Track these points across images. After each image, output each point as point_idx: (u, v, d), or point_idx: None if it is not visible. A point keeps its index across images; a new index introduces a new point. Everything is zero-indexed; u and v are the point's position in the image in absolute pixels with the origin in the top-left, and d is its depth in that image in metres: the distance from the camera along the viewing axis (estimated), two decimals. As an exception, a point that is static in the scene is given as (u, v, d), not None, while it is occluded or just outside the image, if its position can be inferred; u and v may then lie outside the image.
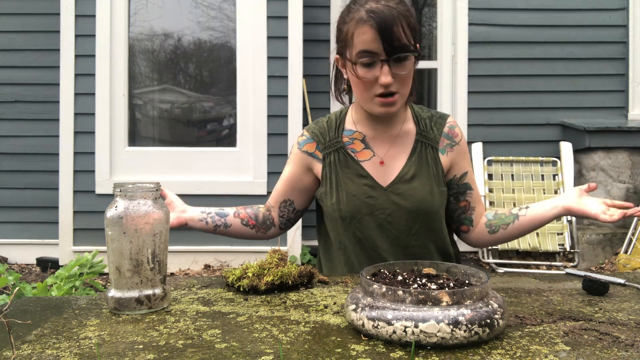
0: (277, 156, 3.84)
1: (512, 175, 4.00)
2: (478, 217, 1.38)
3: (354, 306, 0.79)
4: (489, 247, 3.80)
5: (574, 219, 3.77)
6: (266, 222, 1.42)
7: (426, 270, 0.93)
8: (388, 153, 1.36)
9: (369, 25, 1.18)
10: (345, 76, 1.33)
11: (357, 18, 1.21)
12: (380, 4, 1.20)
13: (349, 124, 1.41)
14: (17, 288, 0.98)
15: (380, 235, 1.32)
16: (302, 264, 3.82)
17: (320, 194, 1.39)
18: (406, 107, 1.40)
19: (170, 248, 3.56)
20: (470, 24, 4.13)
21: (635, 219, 3.74)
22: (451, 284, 0.86)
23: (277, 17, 3.86)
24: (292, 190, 1.42)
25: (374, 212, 1.32)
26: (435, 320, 0.72)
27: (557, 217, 1.28)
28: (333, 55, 1.36)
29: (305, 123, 3.94)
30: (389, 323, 0.73)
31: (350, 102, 1.45)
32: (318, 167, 1.39)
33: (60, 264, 3.75)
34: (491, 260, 3.79)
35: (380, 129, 1.37)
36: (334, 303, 0.95)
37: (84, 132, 3.83)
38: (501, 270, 3.66)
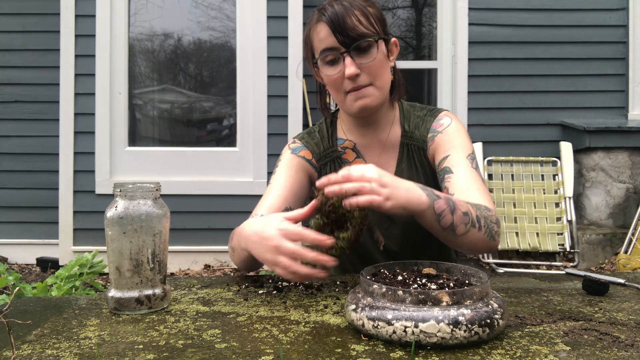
0: (277, 156, 3.81)
1: (512, 175, 4.00)
2: None
3: (354, 306, 0.79)
4: (489, 247, 3.80)
5: (574, 218, 3.77)
6: None
7: (426, 270, 0.93)
8: (378, 162, 1.30)
9: (322, 23, 1.17)
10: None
11: (312, 21, 1.21)
12: (333, 2, 1.19)
13: (339, 133, 1.35)
14: (17, 288, 0.98)
15: (378, 252, 1.28)
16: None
17: None
18: (394, 108, 1.32)
19: (170, 248, 3.57)
20: (470, 24, 4.13)
21: (636, 218, 3.74)
22: (451, 284, 0.86)
23: (277, 17, 3.86)
24: (293, 197, 1.28)
25: (371, 229, 1.24)
26: (435, 320, 0.72)
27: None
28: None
29: (305, 123, 3.94)
30: (389, 323, 0.73)
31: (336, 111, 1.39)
32: (314, 176, 1.32)
33: (60, 264, 3.75)
34: (491, 260, 3.79)
35: (369, 135, 1.31)
36: (334, 303, 0.95)
37: (84, 132, 3.83)
38: (501, 270, 3.66)
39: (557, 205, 3.86)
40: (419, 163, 1.29)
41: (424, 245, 1.27)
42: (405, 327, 0.72)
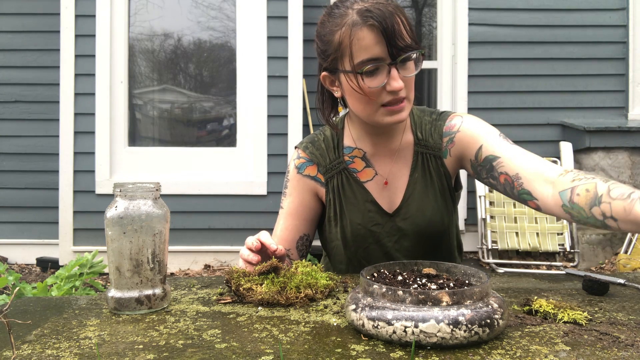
0: (277, 156, 3.84)
1: (512, 175, 3.99)
2: (535, 184, 1.06)
3: (354, 306, 0.79)
4: (489, 247, 3.81)
5: (574, 219, 3.77)
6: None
7: (426, 271, 0.93)
8: (391, 171, 1.24)
9: (368, 28, 1.05)
10: (337, 94, 1.19)
11: (349, 23, 1.07)
12: (369, 3, 1.07)
13: (347, 140, 1.28)
14: (17, 288, 0.98)
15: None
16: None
17: (325, 219, 1.30)
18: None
19: (170, 248, 3.57)
20: (470, 24, 4.13)
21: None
22: (451, 284, 0.86)
23: (277, 17, 3.86)
24: (304, 222, 1.28)
25: (381, 241, 1.24)
26: (435, 320, 0.72)
27: None
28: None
29: (305, 123, 3.94)
30: (389, 323, 0.73)
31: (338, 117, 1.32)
32: (322, 192, 1.27)
33: (60, 264, 3.75)
34: (491, 260, 3.79)
35: (381, 144, 1.24)
36: (334, 303, 0.95)
37: (84, 132, 3.83)
38: (501, 270, 3.66)
39: (557, 205, 3.86)
40: (434, 172, 1.23)
41: (434, 256, 1.25)
42: (405, 327, 0.72)
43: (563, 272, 1.23)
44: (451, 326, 0.71)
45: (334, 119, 1.29)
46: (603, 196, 0.92)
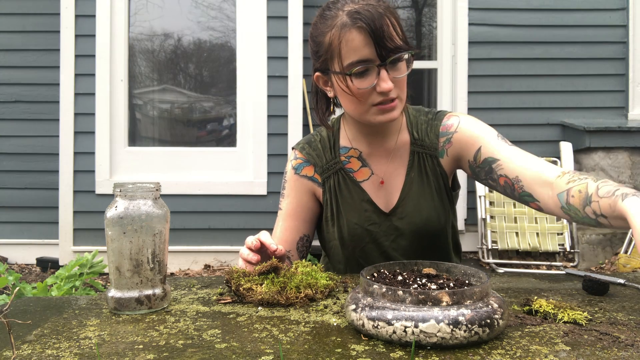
0: (277, 156, 3.84)
1: (512, 175, 3.98)
2: (535, 186, 1.08)
3: (354, 306, 0.79)
4: (489, 247, 3.81)
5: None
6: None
7: (426, 271, 0.93)
8: (387, 170, 1.25)
9: (357, 29, 1.06)
10: (330, 94, 1.20)
11: (338, 24, 1.08)
12: (359, 4, 1.08)
13: (343, 141, 1.29)
14: (17, 288, 0.98)
15: (384, 262, 1.27)
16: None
17: (322, 219, 1.31)
18: (401, 114, 1.26)
19: (170, 248, 3.57)
20: (470, 24, 4.13)
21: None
22: (451, 284, 0.86)
23: (277, 17, 3.86)
24: (303, 222, 1.29)
25: (378, 240, 1.24)
26: (435, 320, 0.72)
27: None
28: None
29: (305, 123, 3.94)
30: (389, 323, 0.73)
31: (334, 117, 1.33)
32: (319, 192, 1.29)
33: (60, 264, 3.75)
34: (491, 260, 3.79)
35: (377, 143, 1.25)
36: (334, 303, 0.95)
37: (84, 132, 3.83)
38: (501, 270, 3.66)
39: (557, 205, 3.86)
40: (430, 171, 1.24)
41: (431, 255, 1.26)
42: (405, 327, 0.72)
43: (563, 272, 1.23)
44: (451, 326, 0.71)
45: (330, 119, 1.29)
46: (592, 195, 0.96)
